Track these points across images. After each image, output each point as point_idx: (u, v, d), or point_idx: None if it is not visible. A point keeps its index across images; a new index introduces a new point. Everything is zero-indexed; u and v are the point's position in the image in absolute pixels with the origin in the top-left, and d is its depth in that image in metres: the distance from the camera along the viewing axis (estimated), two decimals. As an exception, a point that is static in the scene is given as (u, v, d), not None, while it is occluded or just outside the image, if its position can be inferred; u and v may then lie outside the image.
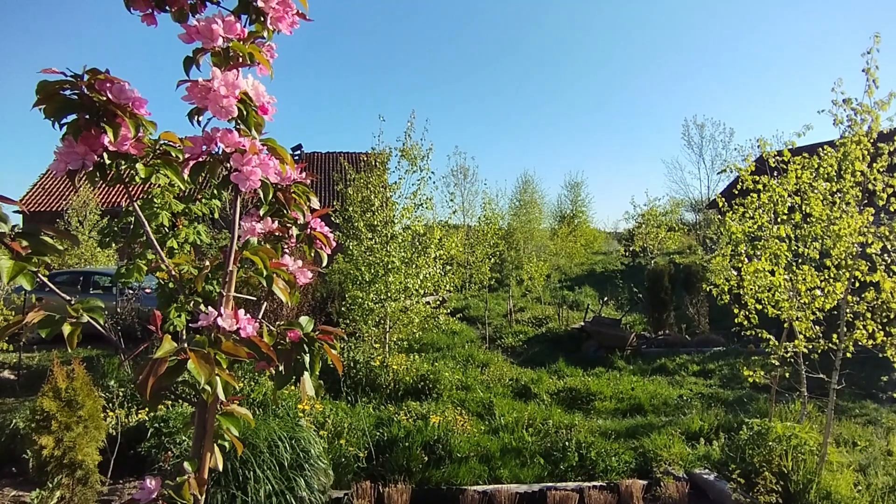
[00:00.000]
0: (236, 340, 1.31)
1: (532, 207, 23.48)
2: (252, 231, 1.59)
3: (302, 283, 1.67)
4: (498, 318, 16.17)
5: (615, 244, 35.20)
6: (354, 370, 7.90)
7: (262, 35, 1.49)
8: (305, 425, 4.60)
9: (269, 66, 1.44)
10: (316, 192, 7.71)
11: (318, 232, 1.75)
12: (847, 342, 5.25)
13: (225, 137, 1.31)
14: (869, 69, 5.15)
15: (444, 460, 5.54)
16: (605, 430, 6.95)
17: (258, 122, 1.37)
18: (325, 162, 23.86)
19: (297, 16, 1.55)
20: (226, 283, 1.40)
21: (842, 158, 5.39)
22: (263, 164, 1.36)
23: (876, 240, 5.20)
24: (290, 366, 1.40)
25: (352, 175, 8.80)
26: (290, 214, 1.72)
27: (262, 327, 1.40)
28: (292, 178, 1.69)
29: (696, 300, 14.11)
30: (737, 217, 6.69)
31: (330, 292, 10.73)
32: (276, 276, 1.49)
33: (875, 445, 6.52)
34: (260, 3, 1.39)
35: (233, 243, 1.42)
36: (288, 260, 1.61)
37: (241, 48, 1.33)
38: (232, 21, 1.32)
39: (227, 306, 1.39)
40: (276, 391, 1.42)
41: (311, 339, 1.44)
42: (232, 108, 1.25)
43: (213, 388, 1.15)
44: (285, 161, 1.51)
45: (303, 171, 1.73)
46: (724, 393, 9.04)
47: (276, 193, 1.63)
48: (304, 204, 1.72)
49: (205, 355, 1.12)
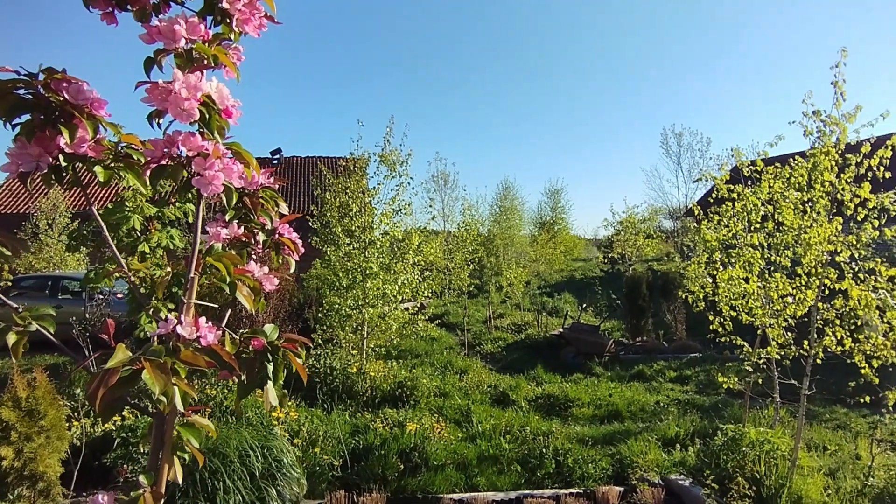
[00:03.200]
0: (196, 349, 1.27)
1: (512, 214, 23.57)
2: (217, 237, 1.55)
3: (268, 289, 1.64)
4: (477, 325, 16.17)
5: (595, 251, 35.52)
6: (331, 377, 7.81)
7: (229, 37, 1.47)
8: (279, 434, 4.52)
9: (234, 68, 1.41)
10: (294, 197, 7.77)
11: (287, 238, 1.72)
12: (817, 348, 5.35)
13: (187, 141, 1.28)
14: (837, 82, 5.29)
15: (420, 468, 5.50)
16: (582, 437, 6.97)
17: (221, 126, 1.34)
18: (304, 166, 23.67)
19: (266, 18, 1.53)
20: (187, 290, 1.36)
21: (812, 169, 5.52)
22: (227, 169, 1.33)
23: (844, 248, 5.33)
24: (254, 375, 1.36)
25: (330, 180, 8.74)
26: (258, 220, 1.68)
27: (224, 335, 1.37)
28: (260, 182, 1.66)
29: (674, 307, 14.29)
30: (712, 225, 6.80)
31: (307, 298, 10.61)
32: (240, 282, 1.45)
33: (844, 450, 6.65)
34: (225, 4, 1.36)
35: (195, 249, 1.38)
36: (254, 266, 1.57)
37: (205, 50, 1.30)
38: (195, 22, 1.29)
39: (188, 314, 1.35)
40: (240, 401, 1.38)
41: (275, 348, 1.41)
42: (194, 111, 1.22)
43: (170, 399, 1.11)
44: (251, 165, 1.48)
45: (271, 176, 1.70)
46: (700, 399, 9.15)
47: (243, 198, 1.60)
48: (272, 209, 1.69)
49: (161, 365, 1.08)
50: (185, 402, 1.18)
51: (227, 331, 1.39)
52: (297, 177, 22.81)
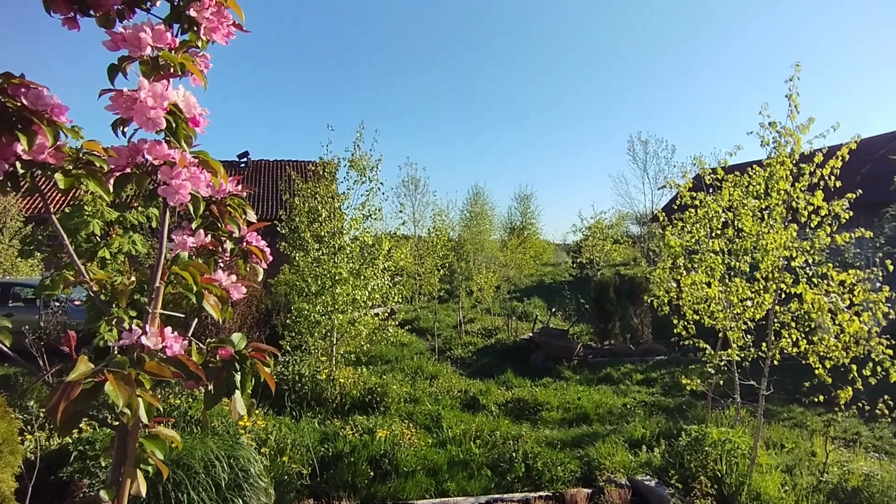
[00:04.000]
0: (162, 359, 1.25)
1: (482, 219, 23.74)
2: (183, 245, 1.54)
3: (236, 298, 1.62)
4: (448, 330, 16.20)
5: (564, 256, 36.05)
6: (300, 384, 7.70)
7: (196, 45, 1.45)
8: (246, 443, 4.44)
9: (202, 76, 1.40)
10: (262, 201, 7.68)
11: (254, 246, 1.71)
12: (774, 350, 5.55)
13: (153, 149, 1.26)
14: (791, 95, 5.52)
15: (390, 475, 5.47)
16: (551, 440, 7.05)
17: (188, 135, 1.32)
18: (272, 170, 23.30)
19: (234, 27, 1.52)
20: (152, 299, 1.34)
21: (768, 178, 5.73)
22: (194, 178, 1.32)
23: (799, 254, 5.55)
24: (221, 384, 1.35)
25: (299, 184, 8.64)
26: (225, 228, 1.67)
27: (191, 345, 1.35)
28: (227, 190, 1.65)
29: (640, 311, 14.58)
30: (676, 231, 6.98)
31: (276, 304, 10.45)
32: (207, 292, 1.44)
33: (801, 447, 6.90)
34: (192, 12, 1.35)
35: (160, 258, 1.36)
36: (221, 275, 1.56)
37: (171, 58, 1.29)
38: (162, 30, 1.28)
39: (153, 324, 1.33)
40: (206, 411, 1.36)
41: (242, 357, 1.40)
42: (160, 120, 1.21)
43: (135, 411, 1.09)
44: (218, 174, 1.47)
45: (239, 184, 1.69)
46: (666, 400, 9.36)
47: (210, 206, 1.59)
48: (239, 217, 1.67)
49: (125, 376, 1.07)
50: (150, 414, 1.16)
51: (193, 340, 1.37)
52: (265, 181, 22.43)
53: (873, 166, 17.94)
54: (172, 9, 1.38)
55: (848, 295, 5.20)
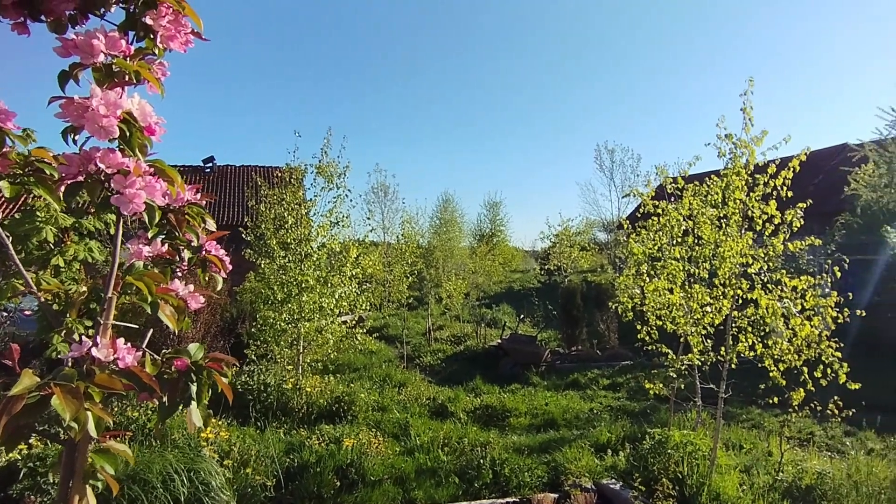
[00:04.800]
0: (114, 371, 1.23)
1: (452, 226, 23.82)
2: (139, 254, 1.51)
3: (194, 308, 1.60)
4: (417, 337, 16.16)
5: (533, 262, 36.39)
6: (265, 394, 7.56)
7: (153, 52, 1.44)
8: (208, 455, 4.33)
9: (159, 84, 1.39)
10: (227, 207, 7.54)
11: (213, 255, 1.69)
12: (731, 354, 5.73)
13: (106, 158, 1.24)
14: (745, 108, 5.73)
15: (357, 484, 5.42)
16: (519, 446, 7.09)
17: (143, 144, 1.31)
18: (238, 175, 22.84)
19: (193, 35, 1.51)
20: (104, 310, 1.31)
21: (725, 187, 5.93)
22: (149, 187, 1.30)
23: (755, 261, 5.75)
24: (176, 396, 1.33)
25: (265, 191, 8.52)
26: (184, 237, 1.65)
27: (144, 356, 1.33)
28: (186, 199, 1.63)
29: (607, 317, 14.80)
30: (639, 239, 7.15)
31: (241, 312, 10.25)
32: (162, 301, 1.42)
33: (758, 447, 7.12)
34: (149, 20, 1.34)
35: (113, 268, 1.34)
36: (178, 284, 1.54)
37: (125, 65, 1.27)
38: (116, 37, 1.26)
39: (105, 335, 1.30)
40: (161, 423, 1.34)
41: (199, 368, 1.38)
42: (113, 128, 1.19)
43: (83, 425, 1.07)
44: (175, 183, 1.45)
45: (198, 192, 1.68)
46: (631, 405, 9.53)
47: (168, 215, 1.57)
48: (198, 226, 1.66)
49: (72, 390, 1.04)
50: (100, 428, 1.14)
51: (147, 351, 1.35)
52: (231, 186, 21.98)
53: (825, 177, 18.76)
54: (128, 16, 1.36)
55: (800, 300, 5.41)
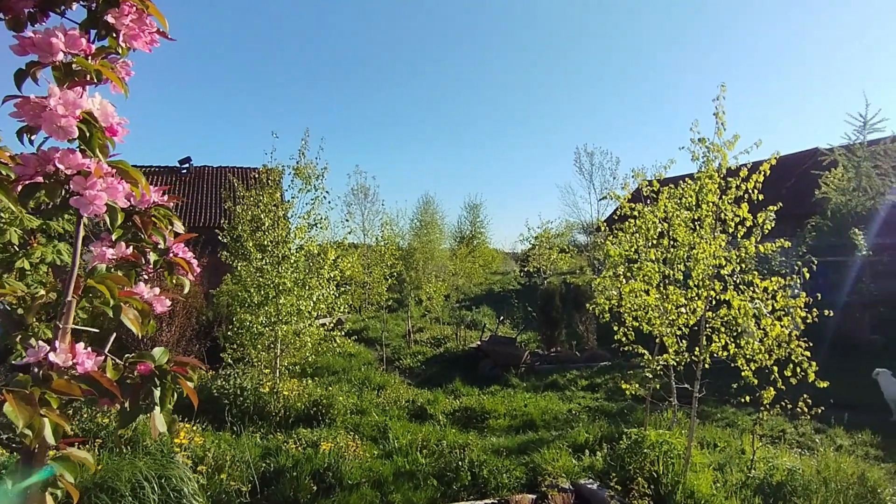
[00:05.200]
0: (73, 377, 1.20)
1: (432, 228, 23.78)
2: (102, 257, 1.48)
3: (159, 311, 1.57)
4: (397, 339, 16.12)
5: (513, 264, 36.57)
6: (241, 398, 7.47)
7: (116, 51, 1.41)
8: (181, 461, 4.25)
9: (121, 84, 1.36)
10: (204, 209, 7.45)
11: (180, 258, 1.67)
12: (704, 354, 5.82)
13: (65, 158, 1.21)
14: (718, 113, 5.84)
15: (334, 488, 5.38)
16: (498, 448, 7.10)
17: (104, 144, 1.28)
18: (215, 176, 22.52)
19: (158, 34, 1.49)
20: (62, 314, 1.28)
21: (699, 190, 6.04)
22: (111, 188, 1.28)
23: (728, 262, 5.86)
24: (138, 401, 1.30)
25: (241, 192, 8.41)
26: (150, 239, 1.62)
27: (106, 361, 1.30)
28: (152, 200, 1.60)
29: (585, 318, 14.92)
30: (617, 241, 7.24)
31: (217, 316, 10.10)
32: (125, 305, 1.39)
33: (732, 446, 7.24)
34: (111, 18, 1.31)
35: (73, 271, 1.31)
36: (142, 287, 1.51)
37: (86, 65, 1.24)
38: (76, 35, 1.23)
39: (64, 340, 1.27)
40: (121, 429, 1.32)
41: (163, 372, 1.36)
42: (72, 128, 1.16)
43: (38, 432, 1.04)
44: (139, 184, 1.42)
45: (164, 194, 1.65)
46: (609, 405, 9.62)
47: (133, 217, 1.54)
48: (165, 228, 1.63)
49: (26, 396, 1.02)
50: (58, 435, 1.11)
51: (108, 356, 1.32)
52: (208, 188, 21.67)
53: (798, 180, 19.21)
54: (89, 14, 1.33)
55: (771, 301, 5.54)
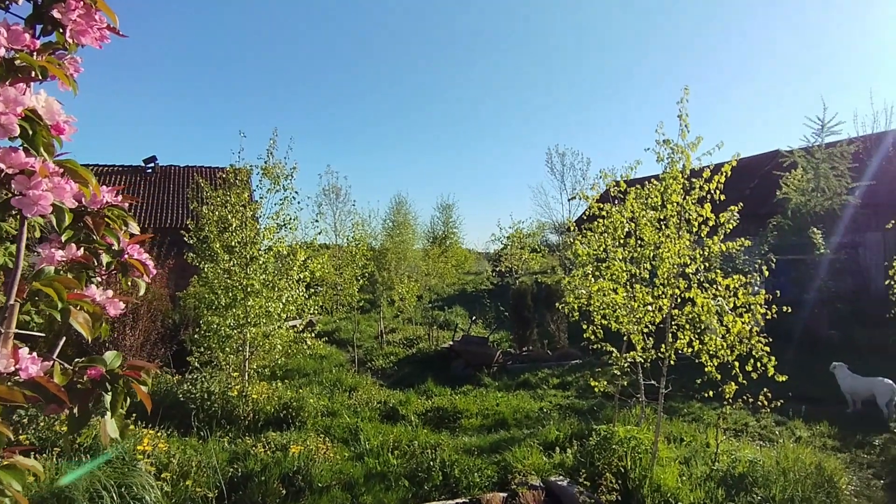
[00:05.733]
0: (16, 383, 1.16)
1: (405, 228, 23.72)
2: (50, 259, 1.43)
3: (112, 314, 1.54)
4: (369, 341, 16.04)
5: (486, 264, 36.74)
6: (209, 402, 7.32)
7: (64, 47, 1.37)
8: (144, 468, 4.15)
9: (69, 81, 1.32)
10: (170, 209, 7.31)
11: (135, 259, 1.63)
12: (670, 351, 5.96)
13: (7, 157, 1.18)
14: (682, 115, 5.98)
15: (304, 492, 5.33)
16: (470, 447, 7.13)
17: (49, 143, 1.24)
18: (181, 176, 22.03)
19: (108, 30, 1.45)
20: (4, 318, 1.24)
21: (663, 191, 6.18)
22: (58, 188, 1.24)
23: (692, 261, 6.01)
24: (87, 407, 1.27)
25: (208, 192, 8.25)
26: (104, 240, 1.58)
27: (53, 366, 1.27)
28: (105, 201, 1.56)
29: (557, 317, 15.07)
30: (586, 241, 7.35)
31: (184, 318, 9.88)
32: (74, 308, 1.35)
33: (697, 440, 7.42)
34: (57, 13, 1.28)
35: (16, 273, 1.27)
36: (94, 290, 1.47)
37: (30, 61, 1.21)
38: (19, 30, 1.20)
39: (6, 345, 1.23)
40: (70, 435, 1.28)
41: (114, 376, 1.33)
42: (12, 126, 1.12)
43: (-24, 440, 1.01)
44: (90, 184, 1.39)
45: (119, 194, 1.61)
46: (580, 403, 9.75)
47: (84, 218, 1.50)
48: (118, 229, 1.59)
49: (-38, 403, 0.98)
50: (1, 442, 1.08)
51: (56, 361, 1.28)
52: (174, 188, 21.18)
53: (760, 181, 19.80)
54: (35, 9, 1.29)
55: (732, 298, 5.70)
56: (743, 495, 5.41)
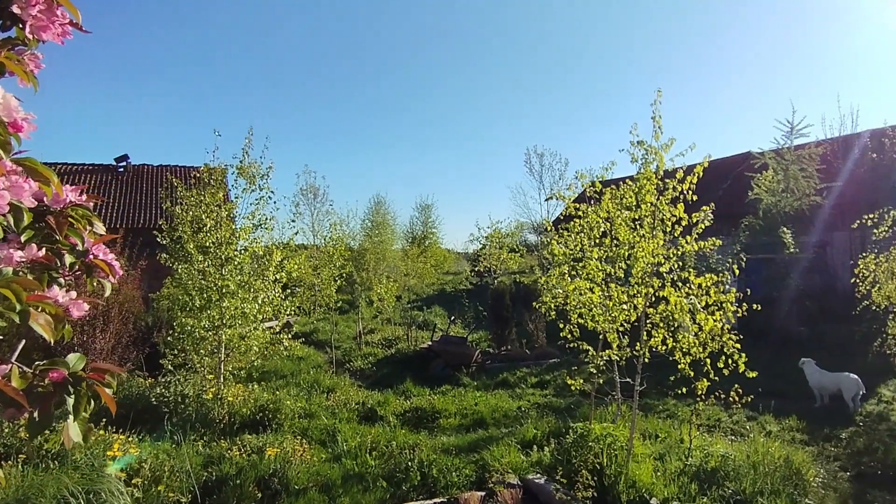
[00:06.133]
0: (-27, 387, 1.13)
1: (384, 228, 23.62)
2: (9, 260, 1.39)
3: (76, 315, 1.50)
4: (348, 341, 15.94)
5: (465, 264, 36.82)
6: (183, 405, 7.20)
7: (24, 42, 1.34)
8: (113, 474, 4.05)
9: (28, 77, 1.29)
10: (142, 209, 7.19)
11: (100, 260, 1.60)
12: (644, 348, 6.05)
13: (-39, 155, 1.14)
14: (655, 117, 6.08)
15: (279, 494, 5.27)
16: (448, 447, 7.14)
17: (6, 141, 1.21)
18: (154, 175, 21.57)
19: (70, 25, 1.42)
20: (-41, 321, 1.21)
21: (638, 191, 6.27)
22: (16, 187, 1.21)
23: (666, 260, 6.11)
24: (48, 410, 1.24)
25: (181, 192, 8.10)
26: (67, 240, 1.55)
27: (11, 369, 1.23)
28: (69, 200, 1.53)
29: (535, 316, 15.15)
30: (562, 241, 7.41)
31: (157, 320, 9.69)
32: (35, 310, 1.32)
33: (672, 436, 7.54)
34: (16, 9, 1.24)
35: (-28, 275, 1.23)
36: (56, 291, 1.44)
37: (-14, 56, 1.18)
38: (-25, 26, 1.16)
39: (-37, 348, 1.20)
40: (31, 440, 1.25)
41: (77, 379, 1.30)
42: (-34, 123, 1.10)
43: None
44: (51, 183, 1.36)
45: (83, 193, 1.58)
46: (558, 401, 9.83)
47: (46, 217, 1.46)
48: (83, 229, 1.56)
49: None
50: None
51: (14, 364, 1.25)
52: (147, 187, 20.73)
53: (733, 182, 20.21)
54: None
55: (704, 297, 5.81)
56: (715, 489, 5.52)
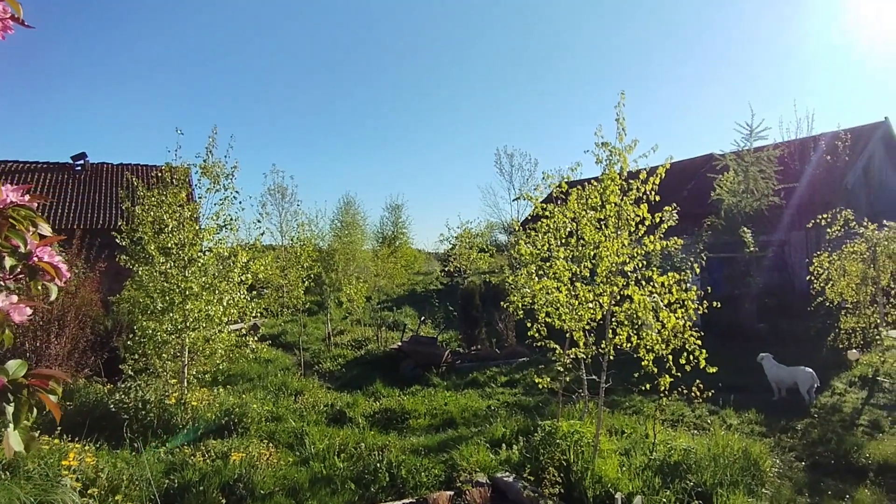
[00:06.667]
0: None
1: (354, 229, 23.39)
2: (-56, 262, 1.34)
3: (18, 320, 1.45)
4: (317, 343, 15.76)
5: (436, 264, 36.85)
6: (144, 411, 6.99)
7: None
8: (69, 485, 3.91)
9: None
10: (100, 209, 6.96)
11: (45, 262, 1.54)
12: (609, 346, 6.16)
13: None
14: (619, 119, 6.20)
15: (245, 500, 5.18)
16: (417, 447, 7.13)
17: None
18: (114, 174, 20.84)
19: (11, 20, 1.37)
20: None
21: (602, 192, 6.38)
22: (-50, 186, 1.16)
23: (630, 259, 6.23)
24: (-14, 420, 1.19)
25: (141, 192, 7.86)
26: (9, 242, 1.49)
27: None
28: (9, 200, 1.47)
29: (505, 316, 15.26)
30: (530, 241, 7.48)
31: (117, 324, 9.39)
32: (-29, 315, 1.26)
33: (637, 431, 7.70)
34: (-49, 1, 1.19)
35: None
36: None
37: (-84, 49, 1.12)
38: None
39: None
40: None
41: (18, 386, 1.25)
42: None
43: None
44: (-11, 183, 1.30)
45: (26, 194, 1.52)
46: (527, 400, 9.91)
47: (-16, 219, 1.41)
48: (25, 231, 1.50)
49: None
50: None
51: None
52: (106, 186, 20.03)
53: (697, 183, 20.76)
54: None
55: (667, 295, 5.95)
56: (678, 482, 5.65)
